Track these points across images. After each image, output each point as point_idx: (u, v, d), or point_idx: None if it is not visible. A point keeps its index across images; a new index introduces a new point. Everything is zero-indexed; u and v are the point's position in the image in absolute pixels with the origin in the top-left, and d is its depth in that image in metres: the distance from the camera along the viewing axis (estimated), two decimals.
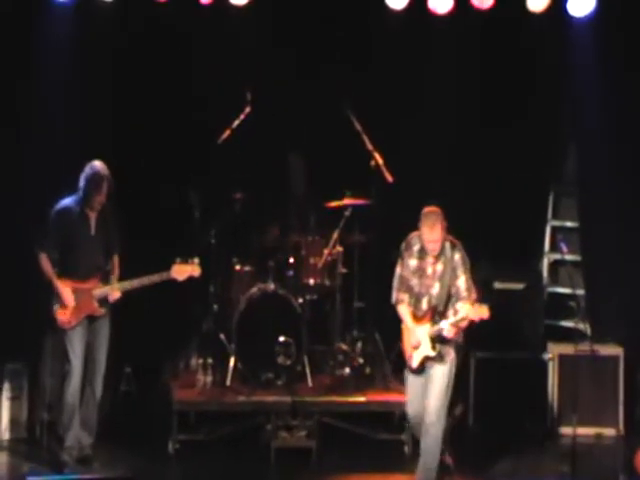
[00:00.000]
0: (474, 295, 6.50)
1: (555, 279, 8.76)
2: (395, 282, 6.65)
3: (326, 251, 7.99)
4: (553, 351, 8.11)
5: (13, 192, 7.73)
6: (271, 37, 8.17)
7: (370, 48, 8.32)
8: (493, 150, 8.38)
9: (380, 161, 7.85)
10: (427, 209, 6.57)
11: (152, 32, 8.11)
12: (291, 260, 8.12)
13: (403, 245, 6.67)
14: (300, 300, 7.98)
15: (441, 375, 6.54)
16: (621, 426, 7.97)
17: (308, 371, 7.83)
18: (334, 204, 8.02)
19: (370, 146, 7.89)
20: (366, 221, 7.94)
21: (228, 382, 7.76)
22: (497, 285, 8.22)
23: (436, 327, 6.47)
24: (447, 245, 6.53)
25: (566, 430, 7.77)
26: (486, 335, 7.93)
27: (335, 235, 7.96)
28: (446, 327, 6.43)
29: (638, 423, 7.74)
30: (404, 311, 6.61)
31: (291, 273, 8.09)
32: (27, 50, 7.82)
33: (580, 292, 8.40)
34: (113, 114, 8.09)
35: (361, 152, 7.85)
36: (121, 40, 8.05)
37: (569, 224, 8.76)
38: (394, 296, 6.64)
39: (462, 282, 6.53)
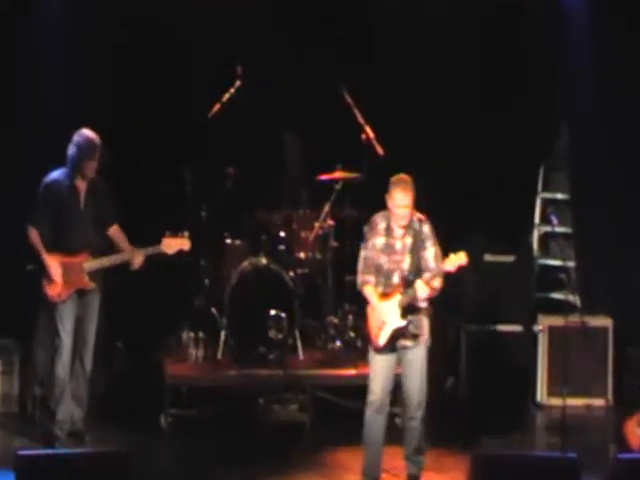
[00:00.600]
0: (442, 268, 6.27)
1: (546, 251, 8.74)
2: (360, 265, 6.42)
3: (317, 225, 7.98)
4: (543, 323, 8.13)
5: (11, 178, 7.71)
6: (268, 18, 8.18)
7: (367, 28, 8.33)
8: (485, 125, 8.34)
9: (371, 135, 7.81)
10: (397, 176, 6.38)
11: (147, 10, 8.07)
12: (282, 234, 8.09)
13: (366, 227, 6.47)
14: (291, 274, 7.97)
15: (420, 360, 6.35)
16: (610, 397, 8.01)
17: (300, 345, 7.83)
18: (325, 178, 7.99)
19: (361, 120, 7.85)
20: (357, 195, 7.93)
21: (219, 356, 7.76)
22: (488, 257, 8.20)
23: (408, 293, 6.23)
24: (414, 219, 6.35)
25: (556, 401, 7.79)
26: (477, 308, 8.06)
27: (326, 209, 7.95)
28: (419, 287, 6.17)
29: (627, 394, 7.77)
30: (370, 292, 6.38)
31: (282, 247, 8.07)
32: (26, 46, 7.80)
33: (570, 264, 8.43)
34: (112, 93, 8.06)
35: (352, 126, 7.81)
36: (114, 21, 8.03)
37: (560, 196, 8.74)
38: (359, 279, 6.42)
39: (430, 253, 6.34)
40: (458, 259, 6.15)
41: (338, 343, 7.90)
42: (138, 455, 6.24)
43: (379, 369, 6.36)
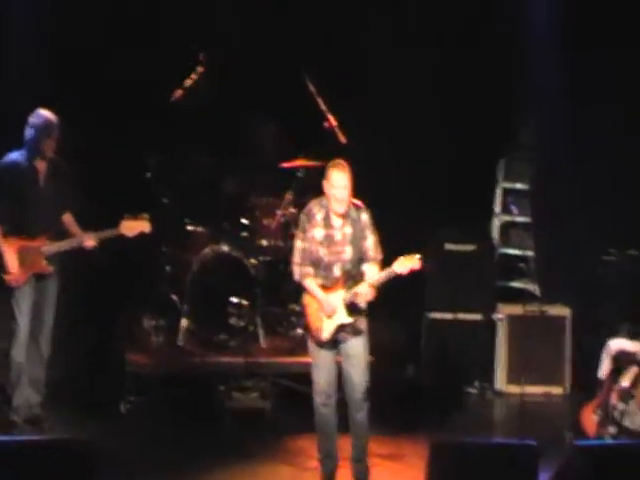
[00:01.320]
0: (380, 255, 6.16)
1: (506, 241, 8.76)
2: (296, 257, 6.24)
3: (279, 212, 7.92)
4: (502, 311, 8.15)
5: None
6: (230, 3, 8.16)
7: (331, 11, 8.30)
8: (445, 113, 8.32)
9: (334, 123, 7.78)
10: (333, 160, 6.20)
11: None
12: (245, 221, 8.05)
13: (302, 217, 6.26)
14: (254, 261, 7.91)
15: (363, 349, 6.20)
16: (568, 385, 8.06)
17: (261, 332, 7.79)
18: (287, 165, 7.92)
19: (324, 107, 7.82)
20: (319, 182, 7.61)
21: (180, 343, 7.70)
22: (448, 246, 8.20)
23: (352, 291, 6.08)
24: (351, 208, 6.15)
25: (514, 389, 7.84)
26: (438, 296, 8.07)
27: (288, 196, 7.88)
28: (364, 290, 6.03)
29: (584, 382, 7.70)
30: (312, 285, 6.20)
31: (245, 234, 8.03)
32: None
33: (530, 254, 8.47)
34: (76, 76, 7.97)
35: (315, 114, 7.79)
36: (79, 4, 7.95)
37: (519, 186, 8.75)
38: (297, 272, 6.23)
39: (370, 242, 6.16)
40: (411, 262, 5.97)
41: (300, 331, 7.81)
42: (97, 442, 5.96)
43: (321, 361, 6.26)
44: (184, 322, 7.71)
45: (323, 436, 6.34)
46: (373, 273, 6.14)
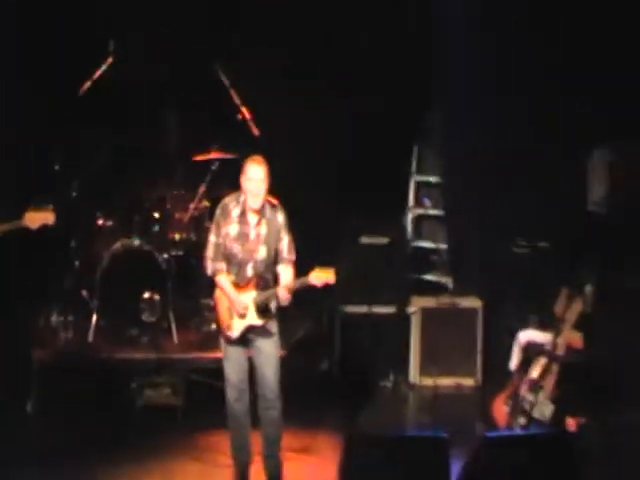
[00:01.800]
0: (294, 256, 6.17)
1: (419, 233, 8.81)
2: (209, 251, 6.19)
3: (192, 205, 7.88)
4: (416, 304, 8.17)
5: None
6: None
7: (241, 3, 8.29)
8: (356, 103, 8.30)
9: (248, 115, 7.77)
10: (251, 156, 6.19)
11: None
12: (156, 215, 7.96)
13: (218, 211, 6.21)
14: (165, 255, 7.85)
15: (274, 347, 6.17)
16: (479, 376, 8.11)
17: (174, 327, 7.73)
18: (201, 158, 7.89)
19: (238, 100, 7.79)
20: (233, 175, 7.50)
21: (90, 339, 7.63)
22: (363, 240, 8.22)
23: (266, 293, 6.07)
24: (267, 206, 6.12)
25: (427, 381, 7.91)
26: (352, 290, 8.03)
27: (201, 189, 7.84)
28: (280, 293, 6.02)
29: (495, 373, 7.78)
30: (225, 282, 6.15)
31: (156, 228, 7.95)
32: None
33: (442, 246, 8.52)
34: None
35: (229, 106, 7.76)
36: None
37: (432, 179, 8.79)
38: (210, 267, 6.18)
39: (285, 244, 6.15)
40: (326, 276, 5.96)
41: (213, 325, 7.65)
42: (3, 444, 6.17)
43: (232, 356, 6.23)
44: (94, 318, 7.63)
45: (236, 432, 6.29)
46: (287, 275, 6.12)
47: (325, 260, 6.05)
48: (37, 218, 6.36)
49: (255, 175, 6.08)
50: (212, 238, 6.21)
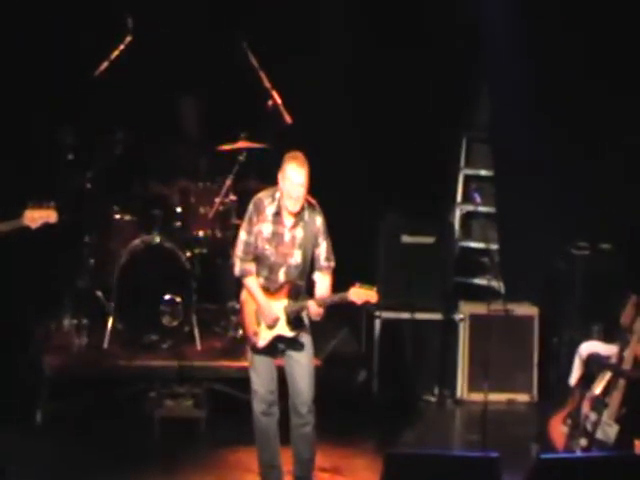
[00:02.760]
0: (332, 264, 6.14)
1: (467, 232, 8.77)
2: (239, 250, 6.14)
3: (218, 200, 7.87)
4: (464, 311, 8.14)
5: None
6: None
7: None
8: (401, 93, 8.30)
9: (278, 101, 7.72)
10: (292, 152, 6.10)
11: None
12: (179, 209, 7.97)
13: (251, 207, 6.16)
14: (188, 254, 7.87)
15: (308, 356, 6.13)
16: (535, 392, 8.07)
17: (197, 333, 7.74)
18: (227, 148, 7.87)
19: (268, 84, 7.75)
20: (262, 166, 7.79)
21: (106, 345, 7.63)
22: (405, 239, 8.14)
23: (299, 303, 6.04)
24: (305, 207, 6.07)
25: (476, 396, 7.82)
26: (392, 294, 7.97)
27: (228, 182, 7.83)
28: (312, 308, 5.99)
29: (552, 389, 7.82)
30: (254, 285, 6.12)
31: (179, 224, 7.98)
32: None
33: (494, 247, 8.44)
34: None
35: (258, 91, 7.73)
36: None
37: (483, 172, 8.75)
38: (238, 267, 6.15)
39: (323, 250, 6.11)
40: (367, 295, 5.92)
41: (240, 331, 7.73)
42: (12, 456, 6.14)
43: (260, 365, 6.21)
44: (110, 322, 7.64)
45: (264, 449, 6.26)
46: (324, 285, 6.09)
47: (362, 262, 6.15)
48: (38, 216, 6.24)
49: (297, 179, 6.01)
50: (243, 235, 6.17)
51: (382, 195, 8.31)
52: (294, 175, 6.00)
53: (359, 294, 5.92)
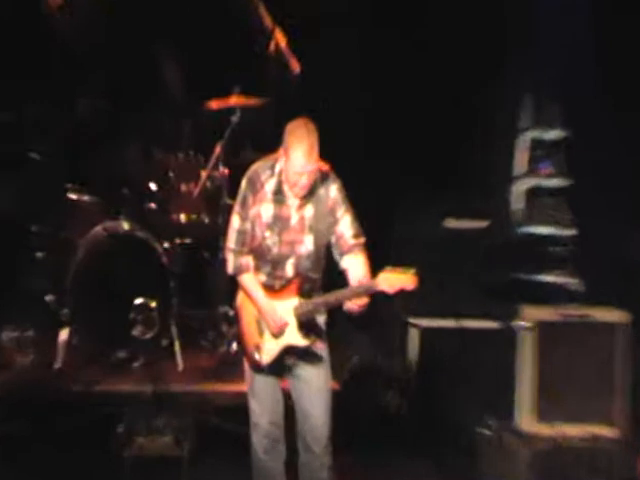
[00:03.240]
0: (363, 238, 6.00)
1: (531, 214, 8.56)
2: (232, 241, 6.06)
3: (204, 173, 7.86)
4: (528, 317, 7.82)
5: None
6: None
7: None
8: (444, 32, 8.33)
9: (283, 44, 7.68)
10: (295, 123, 5.95)
11: None
12: (153, 187, 7.99)
13: (245, 184, 6.03)
14: (167, 245, 7.90)
15: (323, 377, 6.05)
16: (622, 423, 7.79)
17: (178, 348, 7.74)
18: (216, 105, 7.90)
19: (269, 23, 7.70)
20: (262, 130, 7.84)
21: (58, 364, 7.59)
22: (448, 223, 8.02)
23: (313, 301, 5.99)
24: (317, 178, 6.00)
25: (544, 429, 7.70)
26: (432, 295, 7.79)
27: (217, 150, 7.82)
28: (344, 298, 5.89)
29: None
30: (252, 283, 6.04)
31: (154, 206, 8.00)
32: None
33: (567, 233, 8.29)
34: None
35: (256, 31, 7.71)
36: None
37: (553, 135, 8.50)
38: (232, 262, 6.06)
39: (346, 225, 6.02)
40: (401, 279, 5.85)
41: (234, 345, 7.79)
42: None
43: (262, 390, 6.13)
44: (64, 334, 7.59)
45: None
46: (361, 268, 5.98)
47: (387, 254, 6.22)
48: (396, 282, 6.12)
49: (301, 167, 5.83)
50: (236, 222, 6.07)
51: (414, 165, 8.31)
52: (298, 160, 5.86)
53: (391, 280, 5.81)
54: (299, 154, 5.83)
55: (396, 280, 5.81)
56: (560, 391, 7.69)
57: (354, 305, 5.89)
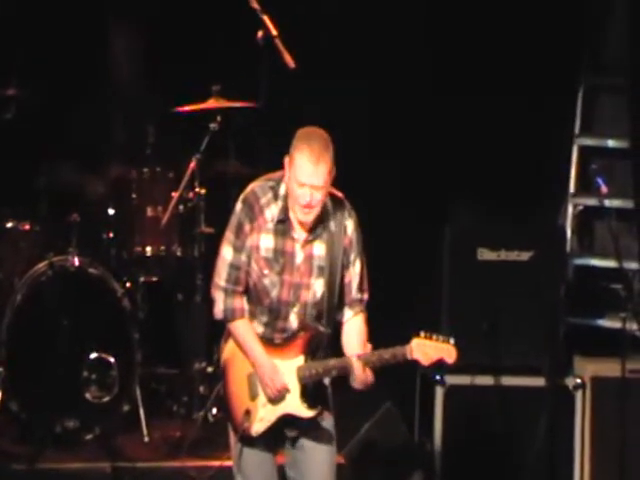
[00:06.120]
0: (367, 295, 5.92)
1: (588, 243, 8.54)
2: (221, 277, 5.91)
3: (175, 195, 7.86)
4: (584, 372, 7.91)
5: None
6: None
7: None
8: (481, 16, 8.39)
9: (274, 32, 7.58)
10: (306, 129, 5.81)
11: None
12: (111, 211, 8.04)
13: (240, 207, 5.88)
14: (128, 285, 7.98)
15: (328, 451, 5.91)
16: None
17: (143, 415, 7.72)
18: (190, 109, 7.94)
19: (256, 5, 7.58)
20: (248, 139, 7.90)
21: None
22: (483, 254, 7.81)
23: (322, 364, 5.86)
24: (329, 204, 5.86)
25: None
26: (465, 345, 7.02)
27: (192, 165, 7.85)
28: (357, 367, 5.76)
29: None
30: (247, 331, 5.85)
31: (111, 235, 8.07)
32: None
33: (632, 266, 8.29)
34: None
35: (242, 15, 7.67)
36: None
37: (612, 143, 8.35)
38: (222, 303, 5.89)
39: (356, 273, 5.92)
40: (439, 350, 5.77)
41: (214, 410, 7.76)
42: None
43: (251, 466, 5.99)
44: None
45: None
46: (359, 330, 5.95)
47: (411, 292, 5.95)
48: (432, 352, 6.13)
49: (309, 179, 5.72)
50: (227, 253, 5.92)
51: (444, 185, 8.41)
52: (305, 172, 5.73)
53: (426, 349, 5.75)
54: (305, 159, 5.70)
55: (433, 350, 5.75)
56: (626, 463, 7.59)
57: (360, 384, 5.83)
